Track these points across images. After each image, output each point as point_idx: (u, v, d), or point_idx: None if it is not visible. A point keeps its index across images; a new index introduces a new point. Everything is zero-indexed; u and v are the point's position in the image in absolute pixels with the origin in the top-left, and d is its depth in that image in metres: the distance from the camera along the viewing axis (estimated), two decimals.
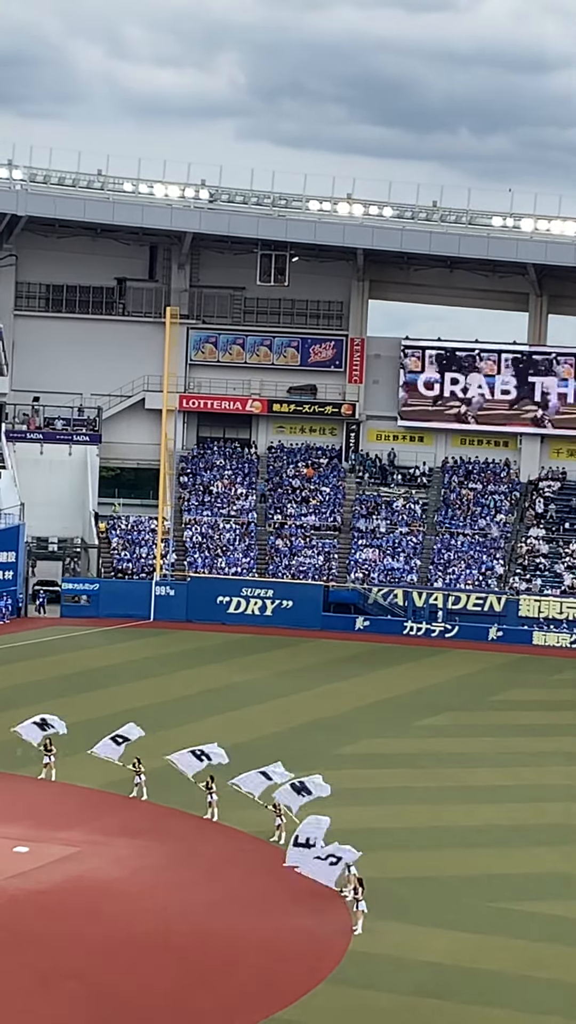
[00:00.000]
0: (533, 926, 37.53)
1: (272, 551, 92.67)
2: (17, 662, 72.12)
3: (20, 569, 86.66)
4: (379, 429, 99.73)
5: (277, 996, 32.32)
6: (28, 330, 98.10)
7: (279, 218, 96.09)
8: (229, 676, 71.06)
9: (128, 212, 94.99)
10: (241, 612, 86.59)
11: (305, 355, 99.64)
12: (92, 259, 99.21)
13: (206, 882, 39.85)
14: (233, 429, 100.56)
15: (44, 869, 39.85)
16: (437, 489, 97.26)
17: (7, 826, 43.41)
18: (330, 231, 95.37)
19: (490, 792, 50.83)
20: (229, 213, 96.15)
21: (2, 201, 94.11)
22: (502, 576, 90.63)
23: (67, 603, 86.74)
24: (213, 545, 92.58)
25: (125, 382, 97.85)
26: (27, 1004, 31.25)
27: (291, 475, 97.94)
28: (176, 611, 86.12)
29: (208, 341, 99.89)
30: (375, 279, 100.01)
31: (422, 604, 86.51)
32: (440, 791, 50.69)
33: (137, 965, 33.66)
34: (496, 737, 59.99)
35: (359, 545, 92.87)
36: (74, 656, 74.28)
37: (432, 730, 60.90)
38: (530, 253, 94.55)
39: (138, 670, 71.35)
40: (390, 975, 33.76)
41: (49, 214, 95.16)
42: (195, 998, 32.11)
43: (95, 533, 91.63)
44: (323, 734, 58.81)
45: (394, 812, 47.23)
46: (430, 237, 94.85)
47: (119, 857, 41.36)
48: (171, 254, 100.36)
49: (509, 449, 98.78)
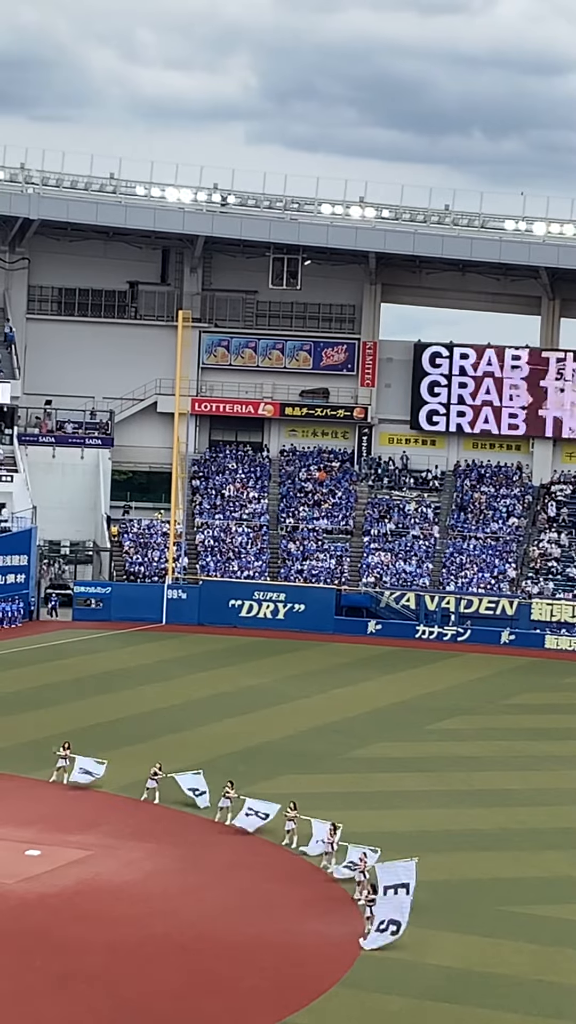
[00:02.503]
0: (545, 930, 37.48)
1: (284, 554, 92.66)
2: (29, 665, 72.15)
3: (32, 572, 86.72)
4: (391, 432, 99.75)
5: (289, 1000, 32.30)
6: (40, 333, 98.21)
7: (291, 221, 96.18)
8: (241, 679, 71.05)
9: (140, 216, 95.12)
10: (253, 616, 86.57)
11: (317, 358, 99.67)
12: (104, 262, 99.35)
13: (218, 886, 39.84)
14: (245, 432, 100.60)
15: (56, 872, 39.85)
16: (449, 492, 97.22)
17: (19, 829, 43.43)
18: (342, 234, 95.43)
19: (502, 796, 50.77)
20: (241, 216, 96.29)
21: (15, 205, 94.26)
22: (514, 580, 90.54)
23: (79, 606, 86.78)
24: (225, 548, 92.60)
25: (137, 385, 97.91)
26: (39, 1006, 31.26)
27: (303, 478, 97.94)
28: (188, 614, 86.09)
29: (220, 344, 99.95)
30: (387, 282, 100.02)
31: (434, 608, 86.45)
32: (452, 795, 50.64)
33: (149, 968, 33.64)
34: (508, 741, 59.91)
35: (371, 549, 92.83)
36: (86, 659, 74.28)
37: (444, 734, 60.84)
38: (542, 257, 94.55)
39: (150, 673, 71.35)
40: (402, 979, 33.72)
41: (61, 218, 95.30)
42: (207, 1001, 32.10)
43: (107, 536, 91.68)
44: (335, 737, 58.78)
45: (406, 816, 47.17)
46: (442, 241, 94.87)
47: (131, 860, 41.36)
48: (183, 257, 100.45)
49: (521, 453, 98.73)
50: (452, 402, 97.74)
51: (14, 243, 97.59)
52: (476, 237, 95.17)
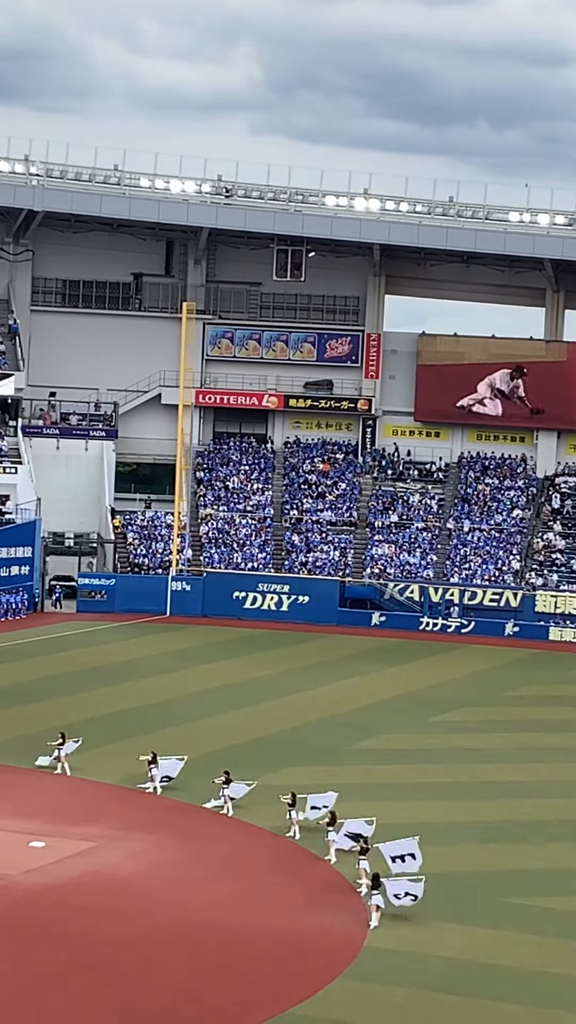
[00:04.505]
0: (549, 922, 37.50)
1: (288, 546, 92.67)
2: (34, 657, 72.21)
3: (37, 564, 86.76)
4: (395, 424, 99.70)
5: (293, 991, 32.33)
6: (45, 325, 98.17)
7: (295, 213, 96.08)
8: (245, 671, 71.07)
9: (144, 207, 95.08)
10: (257, 607, 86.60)
11: (321, 350, 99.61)
12: (108, 254, 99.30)
13: (222, 877, 39.87)
14: (249, 424, 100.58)
15: (60, 864, 39.89)
16: (453, 484, 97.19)
17: (24, 821, 43.47)
18: (346, 226, 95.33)
19: (506, 788, 50.78)
20: (245, 208, 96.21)
21: (19, 196, 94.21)
22: (518, 572, 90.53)
23: (83, 598, 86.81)
24: (229, 540, 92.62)
25: (141, 377, 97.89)
26: (43, 998, 31.30)
27: (307, 470, 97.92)
28: (192, 606, 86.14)
29: (224, 336, 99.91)
30: (391, 274, 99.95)
31: (438, 600, 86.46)
32: (456, 786, 50.66)
33: (153, 960, 33.68)
34: (512, 733, 59.92)
35: (375, 540, 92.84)
36: (90, 651, 74.33)
37: (448, 726, 60.85)
38: (547, 248, 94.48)
39: (155, 665, 71.39)
40: (406, 970, 33.74)
41: (65, 209, 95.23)
42: (211, 993, 32.13)
43: (111, 528, 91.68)
44: (339, 729, 58.81)
45: (410, 807, 47.19)
46: (447, 232, 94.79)
47: (135, 852, 41.40)
48: (187, 249, 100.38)
49: (525, 444, 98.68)
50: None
51: (18, 235, 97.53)
52: (480, 229, 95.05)
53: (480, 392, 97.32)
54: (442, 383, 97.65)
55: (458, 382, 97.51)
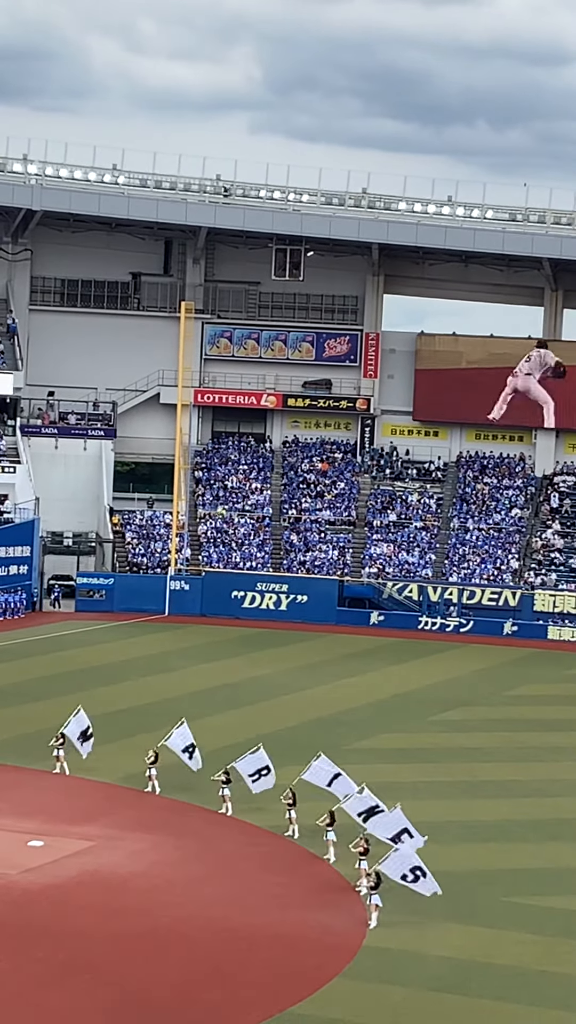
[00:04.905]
0: (549, 921, 37.46)
1: (287, 546, 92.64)
2: (32, 656, 72.19)
3: (35, 563, 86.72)
4: (394, 424, 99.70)
5: (291, 990, 32.28)
6: (43, 324, 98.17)
7: (294, 212, 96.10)
8: (244, 671, 71.06)
9: (143, 207, 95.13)
10: (256, 607, 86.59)
11: (320, 350, 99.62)
12: (107, 254, 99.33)
13: (220, 877, 39.83)
14: (248, 424, 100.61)
15: (59, 863, 39.84)
16: (452, 484, 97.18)
17: (22, 820, 43.43)
18: (345, 226, 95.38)
19: (505, 787, 50.75)
20: (244, 207, 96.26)
21: (17, 195, 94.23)
22: (517, 571, 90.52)
23: (82, 597, 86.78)
24: (228, 540, 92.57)
25: (140, 377, 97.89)
26: (42, 997, 31.25)
27: (306, 470, 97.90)
28: (191, 605, 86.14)
29: (223, 336, 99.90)
30: (390, 273, 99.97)
31: (437, 599, 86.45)
32: (454, 786, 50.62)
33: (151, 959, 33.63)
34: (511, 732, 59.89)
35: (374, 540, 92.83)
36: (89, 651, 74.31)
37: (447, 725, 60.83)
38: (545, 248, 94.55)
39: (154, 664, 71.37)
40: (405, 969, 33.69)
41: (64, 208, 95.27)
42: (209, 992, 32.09)
43: (110, 528, 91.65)
44: (338, 729, 58.75)
45: (408, 807, 46.94)
46: (445, 232, 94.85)
47: (134, 851, 41.35)
48: (186, 248, 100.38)
49: (524, 444, 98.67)
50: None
51: (17, 234, 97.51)
52: (479, 228, 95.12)
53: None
54: (441, 383, 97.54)
55: (458, 382, 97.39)
